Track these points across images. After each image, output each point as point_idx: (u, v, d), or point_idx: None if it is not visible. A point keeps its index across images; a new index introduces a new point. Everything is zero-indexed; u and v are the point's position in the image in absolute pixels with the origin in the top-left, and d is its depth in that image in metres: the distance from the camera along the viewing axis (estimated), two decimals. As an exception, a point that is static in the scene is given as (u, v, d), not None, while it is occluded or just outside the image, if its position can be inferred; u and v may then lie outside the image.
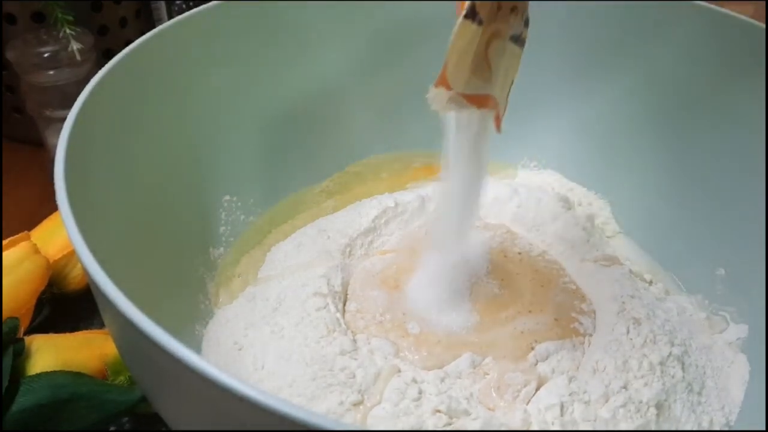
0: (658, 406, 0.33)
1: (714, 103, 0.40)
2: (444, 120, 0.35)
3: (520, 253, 0.41)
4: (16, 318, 0.36)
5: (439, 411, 0.31)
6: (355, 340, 0.34)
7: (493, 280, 0.39)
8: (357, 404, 0.31)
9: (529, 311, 0.37)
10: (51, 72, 0.48)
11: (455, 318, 0.36)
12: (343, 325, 0.35)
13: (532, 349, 0.34)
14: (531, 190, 0.45)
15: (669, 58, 0.41)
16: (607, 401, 0.32)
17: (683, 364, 0.35)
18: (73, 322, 0.40)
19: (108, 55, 0.54)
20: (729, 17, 0.39)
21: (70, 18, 0.48)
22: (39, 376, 0.34)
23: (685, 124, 0.42)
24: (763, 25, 0.37)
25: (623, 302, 0.36)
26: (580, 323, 0.36)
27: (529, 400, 0.32)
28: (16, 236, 0.40)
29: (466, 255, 0.39)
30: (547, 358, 0.34)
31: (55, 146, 0.28)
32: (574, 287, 0.39)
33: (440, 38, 0.46)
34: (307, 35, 0.43)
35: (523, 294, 0.38)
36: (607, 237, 0.45)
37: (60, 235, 0.42)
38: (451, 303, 0.37)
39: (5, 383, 0.33)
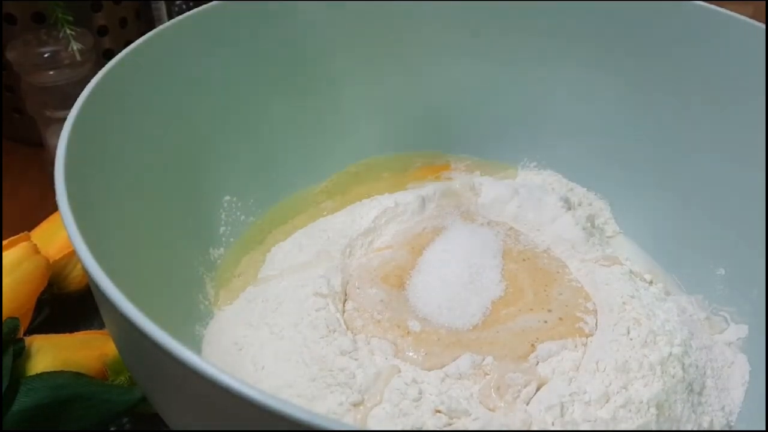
0: (658, 407, 0.32)
1: (714, 103, 0.40)
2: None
3: (523, 251, 0.41)
4: (16, 318, 0.36)
5: (439, 411, 0.31)
6: (355, 341, 0.34)
7: (495, 278, 0.39)
8: (357, 404, 0.31)
9: (531, 309, 0.37)
10: (51, 72, 0.48)
11: (457, 316, 0.36)
12: (343, 326, 0.35)
13: (534, 348, 0.34)
14: (531, 190, 0.45)
15: (669, 58, 0.41)
16: (607, 401, 0.32)
17: (683, 364, 0.35)
18: (73, 323, 0.40)
19: (108, 55, 0.54)
20: (729, 17, 0.39)
21: (70, 18, 0.48)
22: (39, 376, 0.34)
23: (685, 124, 0.42)
24: (763, 25, 0.37)
25: (623, 302, 0.36)
26: (585, 323, 0.36)
27: (530, 401, 0.32)
28: (16, 236, 0.40)
29: (468, 252, 0.40)
30: (548, 358, 0.34)
31: (55, 146, 0.28)
32: (578, 285, 0.39)
33: (440, 38, 0.46)
34: (307, 35, 0.43)
35: (525, 292, 0.38)
36: (607, 237, 0.45)
37: (60, 235, 0.42)
38: (452, 300, 0.37)
39: (5, 383, 0.33)
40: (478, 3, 0.44)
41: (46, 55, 0.47)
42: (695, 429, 0.33)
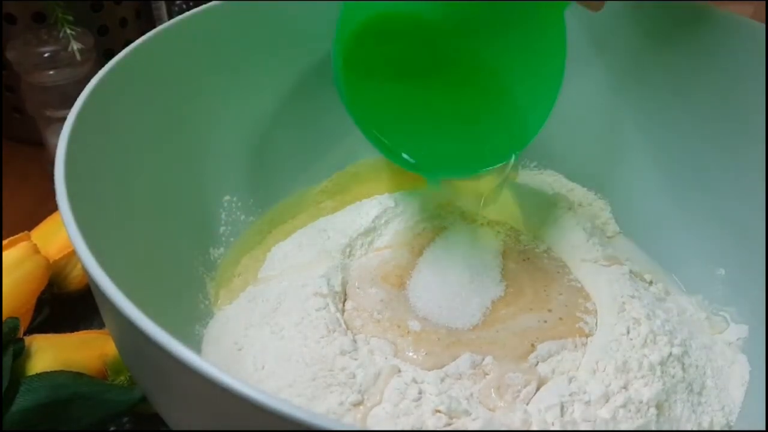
0: (658, 407, 0.32)
1: (714, 103, 0.40)
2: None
3: (523, 251, 0.41)
4: (16, 318, 0.36)
5: (439, 411, 0.31)
6: (355, 340, 0.34)
7: (496, 278, 0.39)
8: (357, 404, 0.31)
9: (531, 309, 0.37)
10: (51, 72, 0.48)
11: (457, 316, 0.36)
12: (343, 325, 0.35)
13: (534, 348, 0.34)
14: (531, 190, 0.45)
15: (668, 58, 0.41)
16: (607, 401, 0.32)
17: (683, 364, 0.35)
18: (73, 322, 0.40)
19: (108, 55, 0.54)
20: (729, 17, 0.39)
21: (70, 18, 0.48)
22: (39, 376, 0.34)
23: (685, 124, 0.42)
24: (763, 25, 0.37)
25: (623, 302, 0.36)
26: (585, 323, 0.36)
27: (530, 401, 0.32)
28: (16, 236, 0.40)
29: (468, 252, 0.39)
30: (548, 358, 0.34)
31: (55, 146, 0.28)
32: (578, 285, 0.39)
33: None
34: (307, 35, 0.43)
35: (525, 292, 0.38)
36: (608, 237, 0.44)
37: (60, 235, 0.42)
38: (452, 300, 0.37)
39: (5, 383, 0.33)
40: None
41: (46, 55, 0.47)
42: (695, 429, 0.33)
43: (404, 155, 0.36)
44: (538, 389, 0.33)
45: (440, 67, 0.39)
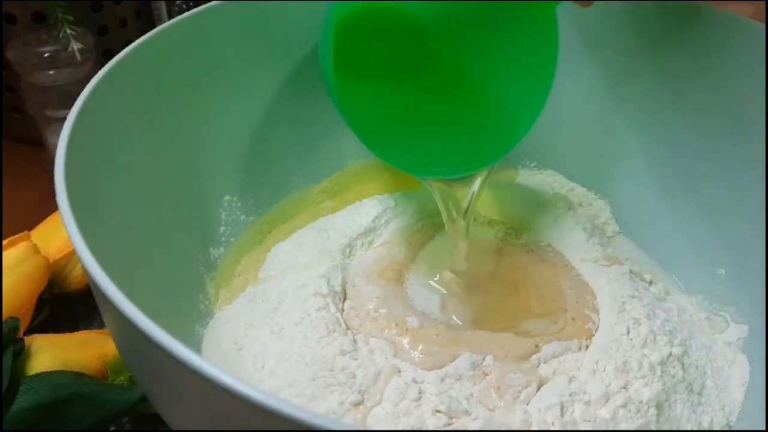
0: (658, 407, 0.32)
1: (714, 103, 0.40)
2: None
3: (525, 244, 0.41)
4: (16, 318, 0.36)
5: (439, 411, 0.31)
6: (354, 340, 0.34)
7: (499, 276, 0.39)
8: (357, 404, 0.31)
9: (539, 309, 0.37)
10: (51, 72, 0.48)
11: (457, 314, 0.36)
12: (343, 325, 0.35)
13: (537, 349, 0.34)
14: (531, 190, 0.45)
15: (668, 58, 0.41)
16: (607, 401, 0.32)
17: (683, 364, 0.35)
18: (73, 322, 0.41)
19: (108, 55, 0.54)
20: (729, 17, 0.39)
21: (70, 18, 0.48)
22: (39, 376, 0.34)
23: (684, 124, 0.42)
24: (763, 25, 0.37)
25: (623, 302, 0.36)
26: (593, 322, 0.36)
27: (530, 401, 0.32)
28: (16, 236, 0.41)
29: (470, 247, 0.39)
30: (551, 359, 0.34)
31: (55, 146, 0.28)
32: (585, 280, 0.39)
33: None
34: (308, 35, 0.43)
35: (531, 291, 0.38)
36: (607, 237, 0.44)
37: (60, 235, 0.42)
38: (452, 296, 0.37)
39: (5, 383, 0.33)
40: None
41: (46, 55, 0.47)
42: (695, 429, 0.33)
43: (392, 155, 0.36)
44: (538, 389, 0.33)
45: (428, 66, 0.39)
